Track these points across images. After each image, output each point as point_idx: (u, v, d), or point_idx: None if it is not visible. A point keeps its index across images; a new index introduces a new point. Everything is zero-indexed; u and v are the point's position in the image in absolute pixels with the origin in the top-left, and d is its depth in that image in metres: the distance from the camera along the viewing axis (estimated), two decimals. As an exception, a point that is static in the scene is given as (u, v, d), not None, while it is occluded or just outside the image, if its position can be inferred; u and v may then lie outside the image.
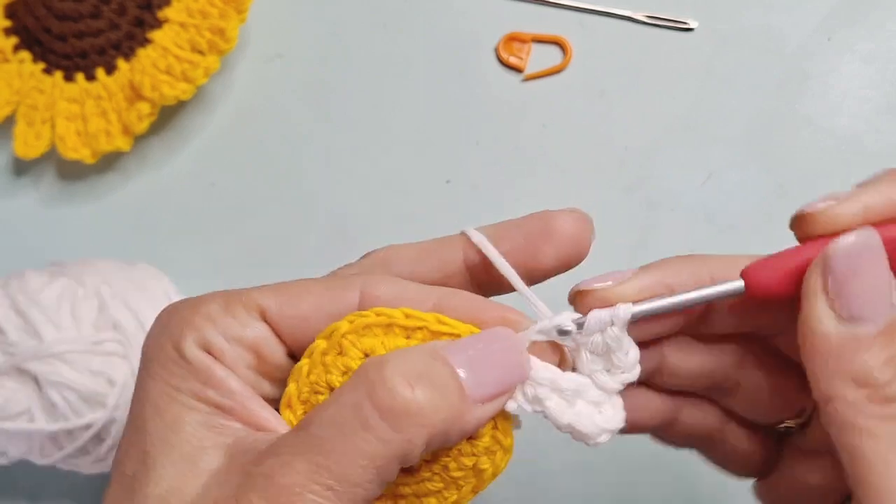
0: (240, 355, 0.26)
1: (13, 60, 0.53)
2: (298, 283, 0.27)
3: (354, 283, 0.26)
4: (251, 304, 0.26)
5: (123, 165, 0.54)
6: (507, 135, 0.52)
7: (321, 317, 0.26)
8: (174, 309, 0.27)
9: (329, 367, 0.25)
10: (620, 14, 0.53)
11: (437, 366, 0.24)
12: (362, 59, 0.55)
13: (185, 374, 0.25)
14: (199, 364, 0.25)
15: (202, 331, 0.26)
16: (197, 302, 0.27)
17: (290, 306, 0.26)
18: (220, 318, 0.26)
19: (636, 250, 0.50)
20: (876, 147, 0.51)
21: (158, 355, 0.26)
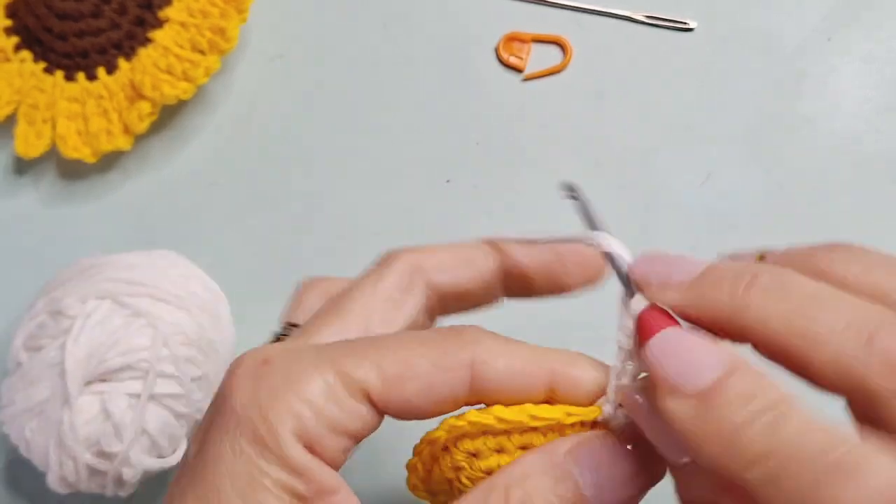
0: (341, 444, 0.24)
1: (14, 60, 0.53)
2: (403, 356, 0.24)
3: (463, 360, 0.24)
4: (356, 386, 0.24)
5: (124, 165, 0.54)
6: (507, 135, 0.53)
7: (429, 400, 0.24)
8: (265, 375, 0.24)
9: (440, 462, 0.25)
10: (620, 14, 0.53)
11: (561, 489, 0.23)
12: (362, 59, 0.55)
13: (276, 464, 0.23)
14: (297, 462, 0.23)
15: (304, 422, 0.23)
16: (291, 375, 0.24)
17: (396, 390, 0.24)
18: (325, 406, 0.24)
19: (636, 250, 0.50)
20: (875, 147, 0.51)
21: (249, 432, 0.23)
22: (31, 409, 0.42)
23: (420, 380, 0.24)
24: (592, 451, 0.24)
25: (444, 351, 0.24)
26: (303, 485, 0.23)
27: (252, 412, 0.23)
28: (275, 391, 0.24)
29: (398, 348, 0.25)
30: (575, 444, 0.24)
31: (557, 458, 0.24)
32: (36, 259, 0.53)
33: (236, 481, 0.23)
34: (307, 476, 0.23)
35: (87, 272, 0.45)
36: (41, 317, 0.44)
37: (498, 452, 0.25)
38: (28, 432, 0.42)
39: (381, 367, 0.24)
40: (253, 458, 0.23)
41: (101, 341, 0.42)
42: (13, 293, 0.51)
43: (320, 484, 0.23)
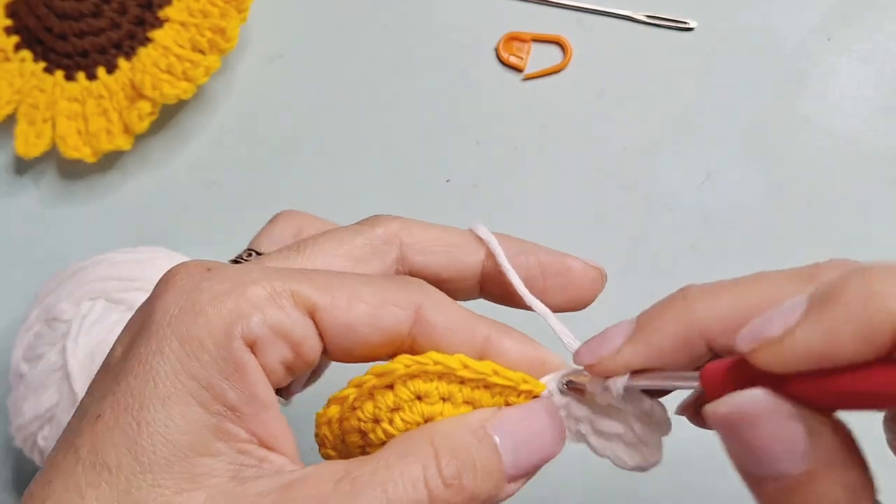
0: (279, 351, 0.23)
1: (14, 59, 0.53)
2: (351, 282, 0.24)
3: (412, 300, 0.25)
4: (302, 297, 0.24)
5: (124, 164, 0.54)
6: (507, 134, 0.53)
7: (373, 328, 0.24)
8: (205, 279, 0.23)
9: (376, 400, 0.25)
10: (620, 14, 0.53)
11: (483, 450, 0.24)
12: (362, 59, 0.55)
13: (211, 367, 0.22)
14: (239, 362, 0.22)
15: (250, 321, 0.23)
16: (238, 280, 0.23)
17: (342, 311, 0.24)
18: (268, 308, 0.23)
19: (635, 250, 0.50)
20: (874, 147, 0.51)
21: (183, 335, 0.22)
22: (41, 416, 0.42)
23: (366, 306, 0.24)
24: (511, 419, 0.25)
25: (393, 287, 0.25)
26: (233, 390, 0.22)
27: (187, 311, 0.22)
28: (216, 292, 0.23)
29: (348, 278, 0.25)
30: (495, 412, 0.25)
31: (477, 423, 0.24)
32: (36, 259, 0.53)
33: (159, 384, 0.22)
34: (242, 377, 0.22)
35: (76, 276, 0.45)
36: (37, 327, 0.44)
37: (444, 401, 0.25)
38: (41, 440, 0.42)
39: (329, 287, 0.24)
40: (182, 358, 0.22)
41: (101, 339, 0.42)
42: (13, 293, 0.51)
43: (253, 390, 0.23)
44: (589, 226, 0.51)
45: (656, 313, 0.24)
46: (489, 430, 0.24)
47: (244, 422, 0.23)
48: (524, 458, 0.24)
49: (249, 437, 0.23)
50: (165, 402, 0.22)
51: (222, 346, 0.22)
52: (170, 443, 0.22)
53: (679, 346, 0.24)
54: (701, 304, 0.23)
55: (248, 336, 0.23)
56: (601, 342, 0.25)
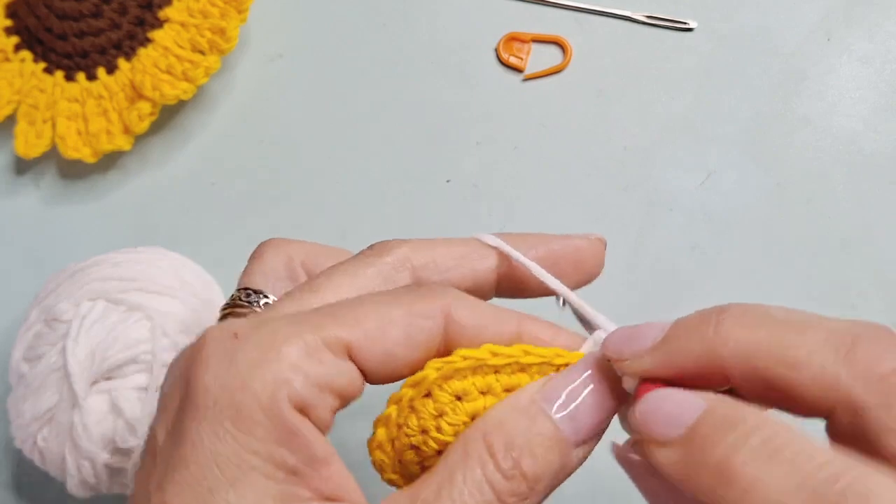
0: (328, 404, 0.23)
1: (14, 60, 0.53)
2: (378, 310, 0.24)
3: (438, 308, 0.25)
4: (336, 343, 0.23)
5: (124, 165, 0.54)
6: (507, 135, 0.53)
7: (409, 348, 0.24)
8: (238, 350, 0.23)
9: (419, 411, 0.25)
10: (620, 14, 0.53)
11: (537, 427, 0.24)
12: (362, 59, 0.55)
13: (267, 438, 0.22)
14: (293, 428, 0.22)
15: (293, 385, 0.22)
16: (271, 342, 0.23)
17: (376, 342, 0.24)
18: (308, 365, 0.23)
19: (635, 250, 0.50)
20: (873, 147, 0.51)
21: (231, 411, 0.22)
22: (41, 417, 0.42)
23: (399, 328, 0.24)
24: (558, 386, 0.25)
25: (417, 300, 0.25)
26: (293, 455, 0.22)
27: (231, 388, 0.22)
28: (252, 362, 0.22)
29: (372, 304, 0.24)
30: (542, 384, 0.25)
31: (527, 400, 0.24)
32: (36, 259, 0.53)
33: (223, 466, 0.22)
34: (298, 440, 0.22)
35: (75, 276, 0.45)
36: (37, 326, 0.44)
37: (484, 394, 0.25)
38: (41, 441, 0.42)
39: (358, 321, 0.24)
40: (238, 437, 0.22)
41: (101, 340, 0.42)
42: (13, 293, 0.51)
43: (311, 450, 0.23)
44: (589, 226, 0.51)
45: (686, 330, 0.24)
46: (541, 404, 0.24)
47: (307, 481, 0.23)
48: (584, 420, 0.24)
49: (311, 495, 0.23)
50: (234, 484, 0.22)
51: (273, 416, 0.22)
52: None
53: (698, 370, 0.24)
54: (734, 336, 0.23)
55: (296, 399, 0.22)
56: (630, 339, 0.25)
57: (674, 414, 0.22)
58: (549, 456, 0.23)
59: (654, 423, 0.23)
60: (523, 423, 0.24)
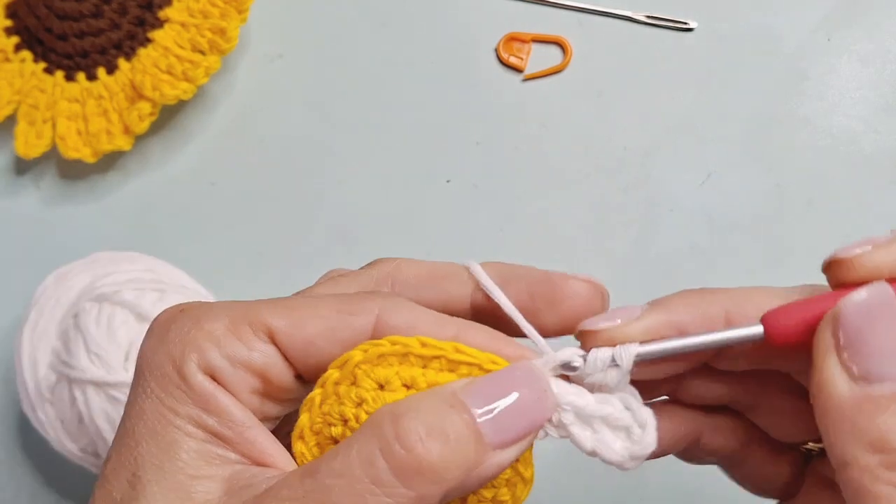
0: (244, 380, 0.25)
1: (14, 60, 0.53)
2: (308, 302, 0.25)
3: (368, 308, 0.25)
4: (259, 324, 0.25)
5: (124, 165, 0.54)
6: (507, 135, 0.53)
7: (332, 341, 0.25)
8: (174, 321, 0.25)
9: (342, 397, 0.24)
10: (620, 14, 0.53)
11: (453, 416, 0.23)
12: (362, 59, 0.55)
13: (184, 398, 0.24)
14: (201, 390, 0.24)
15: (206, 353, 0.24)
16: (199, 316, 0.25)
17: (299, 329, 0.25)
18: (225, 339, 0.24)
19: (635, 250, 0.50)
20: (873, 147, 0.51)
21: (156, 373, 0.24)
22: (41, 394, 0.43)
23: (323, 320, 0.25)
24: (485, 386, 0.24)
25: (350, 299, 0.25)
26: (210, 417, 0.24)
27: (159, 353, 0.25)
28: (182, 332, 0.25)
29: (308, 299, 0.26)
30: (468, 381, 0.24)
31: (449, 392, 0.23)
32: (36, 259, 0.53)
33: (147, 421, 0.24)
34: (212, 405, 0.24)
35: (75, 278, 0.45)
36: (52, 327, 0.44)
37: (407, 388, 0.24)
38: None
39: (286, 310, 0.25)
40: (161, 396, 0.24)
41: (99, 340, 0.42)
42: (13, 293, 0.51)
43: (227, 414, 0.24)
44: (589, 226, 0.51)
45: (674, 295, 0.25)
46: (463, 398, 0.23)
47: (232, 445, 0.24)
48: (507, 422, 0.23)
49: (239, 457, 0.24)
50: (154, 435, 0.24)
51: (185, 378, 0.24)
52: (163, 470, 0.23)
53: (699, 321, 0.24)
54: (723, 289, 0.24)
55: (205, 366, 0.24)
56: (613, 313, 0.25)
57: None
58: (463, 447, 0.22)
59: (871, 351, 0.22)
60: (441, 410, 0.23)
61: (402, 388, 0.24)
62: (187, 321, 0.25)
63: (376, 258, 0.28)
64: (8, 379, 0.50)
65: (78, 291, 0.45)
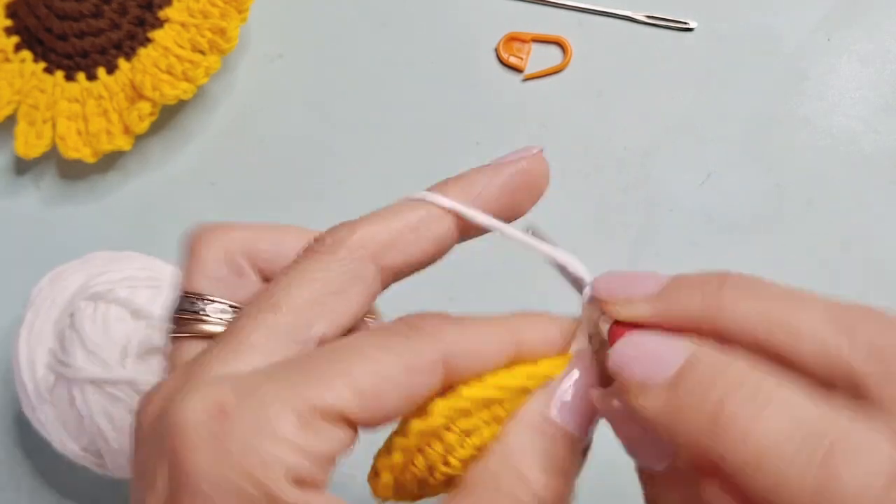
0: (326, 470, 0.22)
1: (14, 60, 0.53)
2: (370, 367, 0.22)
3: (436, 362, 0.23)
4: (331, 412, 0.22)
5: (124, 165, 0.54)
6: (507, 135, 0.53)
7: (407, 407, 0.23)
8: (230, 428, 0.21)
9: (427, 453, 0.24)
10: (620, 14, 0.53)
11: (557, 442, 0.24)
12: (362, 59, 0.55)
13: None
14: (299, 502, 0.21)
15: (288, 462, 0.21)
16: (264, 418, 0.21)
17: (372, 407, 0.22)
18: (304, 440, 0.21)
19: (635, 250, 0.50)
20: (873, 147, 0.51)
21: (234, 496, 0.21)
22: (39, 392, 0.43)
23: (397, 389, 0.22)
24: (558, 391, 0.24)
25: (413, 353, 0.23)
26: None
27: (228, 473, 0.21)
28: (246, 443, 0.21)
29: (364, 361, 0.22)
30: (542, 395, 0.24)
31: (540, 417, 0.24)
32: (36, 259, 0.53)
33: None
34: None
35: (72, 277, 0.45)
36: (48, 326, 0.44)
37: (488, 424, 0.24)
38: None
39: (352, 385, 0.22)
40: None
41: (99, 340, 0.42)
42: (13, 293, 0.51)
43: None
44: (589, 226, 0.51)
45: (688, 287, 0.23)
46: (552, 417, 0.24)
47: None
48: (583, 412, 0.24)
49: None
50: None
51: (273, 498, 0.21)
52: None
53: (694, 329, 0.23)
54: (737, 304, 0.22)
55: (294, 475, 0.21)
56: (631, 281, 0.24)
57: (658, 357, 0.22)
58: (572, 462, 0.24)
59: (637, 367, 0.22)
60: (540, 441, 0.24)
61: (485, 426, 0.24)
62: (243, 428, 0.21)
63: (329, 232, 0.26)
64: (7, 380, 0.50)
65: (73, 291, 0.45)
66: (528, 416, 0.24)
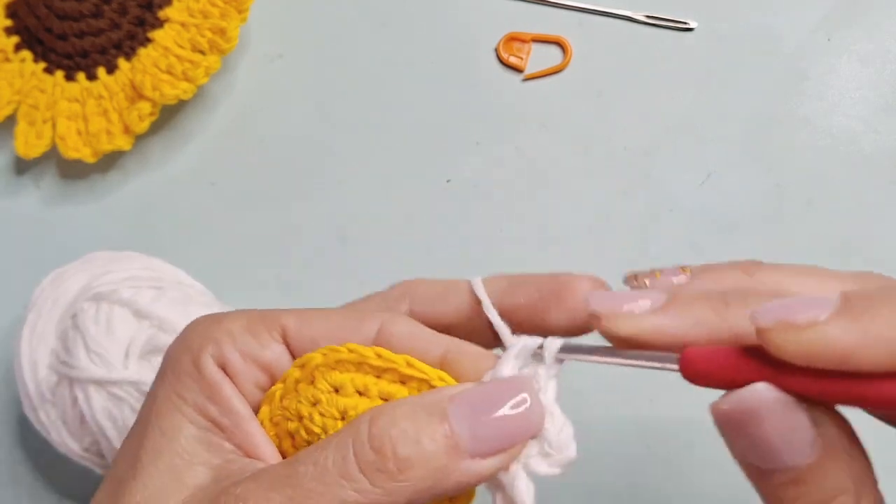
0: (252, 374, 0.27)
1: (14, 60, 0.53)
2: (321, 310, 0.28)
3: (374, 317, 0.27)
4: (273, 323, 0.27)
5: (124, 165, 0.54)
6: (507, 135, 0.53)
7: (336, 343, 0.26)
8: (198, 321, 0.27)
9: (300, 395, 0.26)
10: (620, 14, 0.53)
11: (430, 421, 0.23)
12: (362, 59, 0.55)
13: (193, 386, 0.26)
14: (210, 378, 0.26)
15: (221, 346, 0.26)
16: (221, 317, 0.27)
17: (307, 328, 0.27)
18: (241, 335, 0.27)
19: (635, 250, 0.50)
20: (873, 147, 0.51)
21: (174, 364, 0.26)
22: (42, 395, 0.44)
23: (331, 323, 0.27)
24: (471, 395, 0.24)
25: (359, 311, 0.28)
26: (214, 406, 0.26)
27: (179, 346, 0.27)
28: (202, 329, 0.27)
29: (322, 308, 0.28)
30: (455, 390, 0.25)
31: (430, 400, 0.24)
32: (36, 259, 0.53)
33: (156, 406, 0.26)
34: (217, 394, 0.26)
35: (73, 277, 0.45)
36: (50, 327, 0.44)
37: (360, 394, 0.25)
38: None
39: (300, 312, 0.27)
40: (173, 383, 0.26)
41: (99, 340, 0.42)
42: (13, 293, 0.51)
43: (229, 405, 0.26)
44: (589, 226, 0.51)
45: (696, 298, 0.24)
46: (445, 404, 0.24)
47: (228, 435, 0.26)
48: (488, 432, 0.24)
49: (234, 448, 0.26)
50: (159, 418, 0.26)
51: (198, 367, 0.26)
52: (161, 454, 0.25)
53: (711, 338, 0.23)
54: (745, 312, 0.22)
55: (219, 358, 0.26)
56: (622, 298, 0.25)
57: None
58: (433, 449, 0.23)
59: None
60: (418, 415, 0.23)
61: (355, 394, 0.25)
62: (209, 321, 0.27)
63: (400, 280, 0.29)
64: (8, 380, 0.50)
65: (75, 292, 0.45)
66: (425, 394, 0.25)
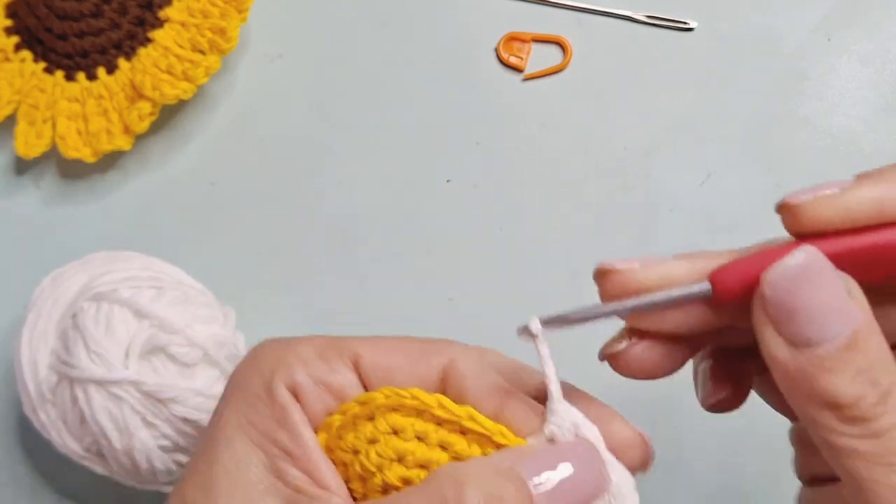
0: (322, 400, 0.26)
1: (14, 60, 0.53)
2: (393, 339, 0.28)
3: (445, 350, 0.27)
4: (346, 351, 0.27)
5: (124, 165, 0.54)
6: (507, 135, 0.53)
7: (410, 375, 0.26)
8: (269, 344, 0.27)
9: (357, 430, 0.26)
10: (620, 14, 0.53)
11: (510, 487, 0.23)
12: (362, 59, 0.55)
13: (264, 410, 0.26)
14: (282, 403, 0.26)
15: (292, 370, 0.26)
16: (293, 342, 0.27)
17: (382, 358, 0.27)
18: (312, 361, 0.26)
19: (636, 250, 0.50)
20: (873, 147, 0.51)
21: (243, 387, 0.26)
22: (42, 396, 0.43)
23: (406, 355, 0.27)
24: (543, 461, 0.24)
25: (431, 341, 0.28)
26: (282, 431, 0.25)
27: (249, 370, 0.27)
28: (274, 353, 0.27)
29: (395, 337, 0.28)
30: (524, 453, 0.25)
31: (507, 464, 0.24)
32: (36, 259, 0.53)
33: (225, 427, 0.26)
34: (287, 420, 0.25)
35: (73, 277, 0.45)
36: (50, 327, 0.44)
37: (418, 440, 0.25)
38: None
39: (374, 340, 0.27)
40: (243, 407, 0.26)
41: (99, 339, 0.42)
42: (13, 293, 0.51)
43: (298, 431, 0.25)
44: (589, 226, 0.51)
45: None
46: (521, 472, 0.24)
47: (298, 463, 0.26)
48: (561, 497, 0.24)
49: (304, 476, 0.26)
50: (229, 443, 0.25)
51: (269, 391, 0.26)
52: (231, 477, 0.25)
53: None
54: None
55: (290, 383, 0.26)
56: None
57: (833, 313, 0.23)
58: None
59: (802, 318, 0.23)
60: (499, 482, 0.23)
61: (414, 439, 0.25)
62: (280, 344, 0.27)
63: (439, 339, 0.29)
64: (8, 380, 0.50)
65: (75, 292, 0.45)
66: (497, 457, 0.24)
